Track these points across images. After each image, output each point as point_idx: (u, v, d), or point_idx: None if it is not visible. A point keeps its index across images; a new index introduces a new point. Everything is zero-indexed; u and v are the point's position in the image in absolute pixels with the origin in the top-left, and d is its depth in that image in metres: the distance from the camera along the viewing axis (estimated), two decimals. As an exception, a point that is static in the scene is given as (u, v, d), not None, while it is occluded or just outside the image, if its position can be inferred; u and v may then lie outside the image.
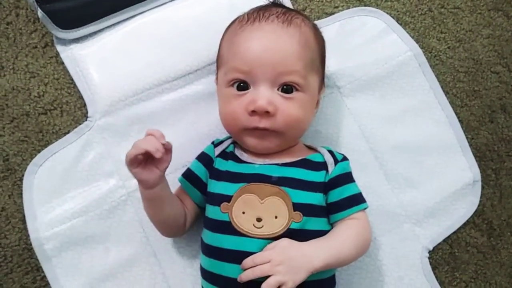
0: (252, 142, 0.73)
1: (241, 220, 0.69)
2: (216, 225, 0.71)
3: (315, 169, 0.74)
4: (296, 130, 0.75)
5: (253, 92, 0.71)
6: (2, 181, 0.85)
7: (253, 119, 0.71)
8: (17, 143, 0.86)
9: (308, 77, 0.74)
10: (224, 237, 0.69)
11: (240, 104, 0.72)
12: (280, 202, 0.70)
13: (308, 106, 0.75)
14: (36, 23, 0.89)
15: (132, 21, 0.90)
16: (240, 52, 0.73)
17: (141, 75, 0.87)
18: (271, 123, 0.71)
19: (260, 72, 0.71)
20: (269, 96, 0.70)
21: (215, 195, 0.73)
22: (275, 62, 0.71)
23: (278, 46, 0.72)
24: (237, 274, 0.66)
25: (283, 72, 0.71)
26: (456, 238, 0.90)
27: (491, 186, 0.93)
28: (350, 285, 0.84)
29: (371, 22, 0.94)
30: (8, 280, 0.83)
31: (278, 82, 0.71)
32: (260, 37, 0.73)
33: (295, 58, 0.72)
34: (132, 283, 0.83)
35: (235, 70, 0.73)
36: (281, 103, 0.71)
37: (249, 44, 0.72)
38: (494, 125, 0.95)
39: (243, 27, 0.75)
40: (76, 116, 0.88)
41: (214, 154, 0.79)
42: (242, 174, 0.73)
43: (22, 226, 0.84)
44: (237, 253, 0.67)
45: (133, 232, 0.84)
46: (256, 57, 0.71)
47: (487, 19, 0.97)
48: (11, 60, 0.88)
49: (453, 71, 0.95)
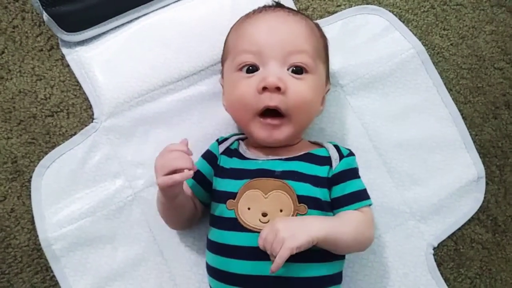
0: (261, 132, 0.72)
1: (247, 216, 0.69)
2: (222, 222, 0.72)
3: (318, 163, 0.74)
4: (305, 115, 0.74)
5: (263, 71, 0.71)
6: (11, 183, 0.86)
7: (264, 97, 0.70)
8: (24, 145, 0.87)
9: (317, 60, 0.74)
10: (230, 234, 0.70)
11: (249, 85, 0.71)
12: (284, 195, 0.70)
13: (317, 90, 0.75)
14: (42, 26, 0.90)
15: (136, 23, 0.91)
16: (248, 34, 0.74)
17: (146, 76, 0.88)
18: (282, 101, 0.70)
19: (269, 51, 0.71)
20: (279, 73, 0.70)
21: (220, 193, 0.73)
22: (284, 41, 0.71)
23: (286, 27, 0.73)
24: (245, 270, 0.67)
25: (293, 51, 0.71)
26: (461, 235, 0.91)
27: (495, 182, 0.93)
28: (356, 282, 0.85)
29: (374, 20, 0.94)
30: (18, 280, 0.84)
31: (288, 62, 0.71)
32: (267, 20, 0.74)
33: (304, 38, 0.73)
34: (139, 282, 0.83)
35: (244, 52, 0.73)
36: (291, 82, 0.71)
37: (257, 26, 0.74)
38: (498, 122, 0.95)
39: (250, 17, 0.77)
40: (82, 118, 0.89)
41: (218, 151, 0.79)
42: (245, 170, 0.73)
43: (31, 227, 0.85)
44: (244, 249, 0.68)
45: (140, 231, 0.85)
46: (264, 37, 0.72)
47: (490, 15, 0.97)
48: (17, 63, 0.89)
49: (456, 68, 0.95)
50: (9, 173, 0.86)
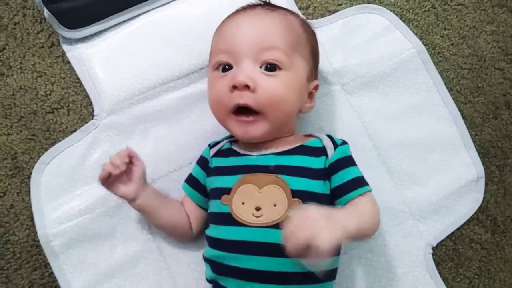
0: (237, 129, 0.72)
1: (241, 210, 0.70)
2: (217, 217, 0.72)
3: (313, 154, 0.73)
4: (279, 111, 0.72)
5: (234, 70, 0.72)
6: (10, 179, 0.86)
7: (235, 95, 0.70)
8: (24, 141, 0.87)
9: (293, 57, 0.73)
10: (225, 228, 0.70)
11: (223, 84, 0.72)
12: (278, 190, 0.70)
13: (292, 87, 0.73)
14: (43, 23, 0.90)
15: (137, 20, 0.91)
16: (223, 34, 0.75)
17: (146, 73, 0.88)
18: (252, 99, 0.70)
19: (240, 50, 0.71)
20: (249, 71, 0.70)
21: (216, 189, 0.74)
22: (256, 38, 0.71)
23: (259, 24, 0.73)
24: (239, 263, 0.68)
25: (264, 48, 0.71)
26: (460, 235, 0.91)
27: (495, 182, 0.93)
28: (354, 281, 0.85)
29: (375, 20, 0.94)
30: (17, 276, 0.84)
31: (260, 59, 0.71)
32: (242, 19, 0.75)
33: (276, 35, 0.72)
34: (138, 279, 0.83)
35: (218, 51, 0.74)
36: (262, 79, 0.70)
37: (232, 26, 0.75)
38: (498, 122, 0.95)
39: (230, 17, 0.78)
40: (82, 115, 0.89)
41: (209, 155, 0.80)
42: (240, 166, 0.74)
43: (30, 223, 0.85)
44: (237, 243, 0.68)
45: (139, 229, 0.85)
46: (236, 35, 0.73)
47: (491, 15, 0.97)
48: (18, 60, 0.89)
49: (456, 68, 0.95)
50: (9, 169, 0.86)
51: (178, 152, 0.86)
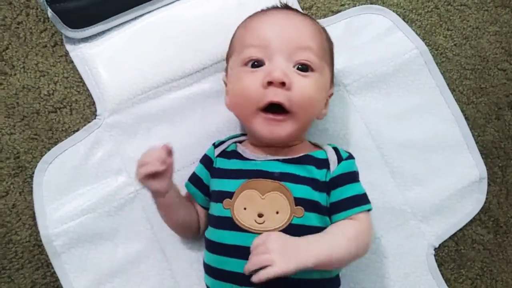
0: (263, 128, 0.71)
1: (243, 215, 0.69)
2: (218, 221, 0.72)
3: (317, 166, 0.73)
4: (308, 113, 0.73)
5: (269, 66, 0.71)
6: (13, 178, 0.86)
7: (268, 92, 0.69)
8: (27, 140, 0.87)
9: (322, 60, 0.74)
10: (226, 233, 0.70)
11: (254, 79, 0.70)
12: (281, 197, 0.69)
13: (322, 89, 0.74)
14: (46, 23, 0.90)
15: (140, 20, 0.91)
16: (255, 29, 0.74)
17: (149, 73, 0.88)
18: (286, 97, 0.69)
19: (275, 46, 0.70)
20: (285, 69, 0.70)
21: (218, 192, 0.74)
22: (291, 37, 0.71)
23: (293, 23, 0.73)
24: (239, 269, 0.66)
25: (299, 47, 0.71)
26: (462, 235, 0.91)
27: (497, 183, 0.93)
28: (356, 282, 0.85)
29: (377, 20, 0.94)
30: (19, 276, 0.84)
31: (294, 59, 0.71)
32: (275, 17, 0.75)
33: (310, 36, 0.73)
34: (140, 279, 0.84)
35: (250, 46, 0.72)
36: (296, 78, 0.70)
37: (265, 22, 0.74)
38: (500, 123, 0.95)
39: (258, 15, 0.77)
40: (85, 114, 0.89)
41: (214, 155, 0.79)
42: (244, 171, 0.73)
43: (33, 223, 0.85)
44: (238, 248, 0.68)
45: (141, 228, 0.85)
46: (271, 31, 0.72)
47: (494, 16, 0.97)
48: (21, 59, 0.89)
49: (459, 69, 0.95)
50: (12, 168, 0.86)
51: (181, 152, 0.85)
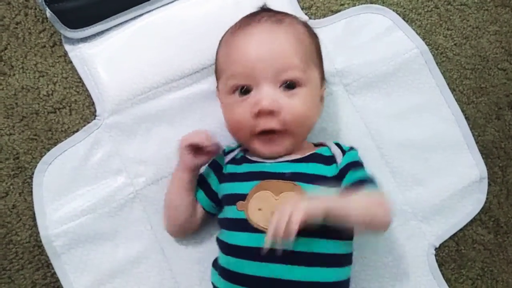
0: (261, 148, 0.73)
1: (257, 216, 0.69)
2: (233, 223, 0.72)
3: (325, 163, 0.74)
4: (303, 127, 0.75)
5: (256, 93, 0.71)
6: (12, 179, 0.86)
7: (259, 121, 0.71)
8: (26, 141, 0.87)
9: (308, 71, 0.73)
10: (241, 235, 0.70)
11: (244, 109, 0.72)
12: (295, 196, 0.69)
13: (312, 101, 0.75)
14: (45, 23, 0.90)
15: (139, 20, 0.90)
16: (237, 57, 0.73)
17: (149, 73, 0.88)
18: (278, 122, 0.71)
19: (259, 72, 0.71)
20: (272, 95, 0.70)
21: (230, 195, 0.74)
22: (273, 59, 0.71)
23: (273, 44, 0.72)
24: (254, 271, 0.67)
25: (283, 68, 0.71)
26: (462, 236, 0.90)
27: (498, 183, 0.93)
28: (357, 281, 0.84)
29: (377, 20, 0.94)
30: (20, 277, 0.84)
31: (280, 79, 0.71)
32: (254, 38, 0.73)
33: (292, 53, 0.72)
34: (140, 280, 0.84)
35: (235, 75, 0.73)
36: (285, 100, 0.71)
37: (245, 47, 0.73)
38: (501, 122, 0.94)
39: (236, 33, 0.76)
40: (84, 115, 0.89)
41: (224, 161, 0.79)
42: (255, 173, 0.73)
43: (33, 223, 0.85)
44: (253, 250, 0.67)
45: (141, 229, 0.85)
46: (253, 58, 0.71)
47: (494, 15, 0.96)
48: (20, 60, 0.89)
49: (459, 68, 0.95)
50: (11, 169, 0.86)
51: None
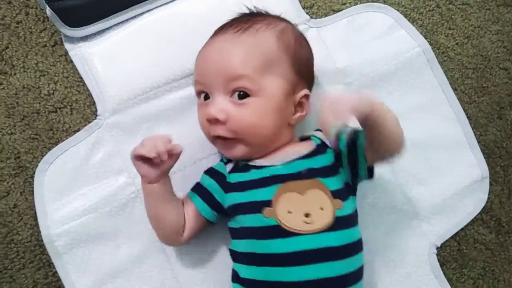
0: (222, 150, 0.77)
1: (290, 220, 0.68)
2: (261, 231, 0.69)
3: (323, 152, 0.75)
4: (254, 136, 0.73)
5: (210, 102, 0.74)
6: (14, 179, 0.86)
7: (211, 127, 0.74)
8: (28, 140, 0.87)
9: (262, 81, 0.72)
10: (274, 242, 0.68)
11: (203, 114, 0.76)
12: (320, 192, 0.69)
13: (264, 111, 0.72)
14: (46, 22, 0.90)
15: (140, 19, 0.90)
16: (197, 64, 0.78)
17: (150, 73, 0.88)
18: (225, 130, 0.72)
19: (210, 82, 0.74)
20: (220, 105, 0.72)
21: (250, 204, 0.71)
22: (221, 70, 0.72)
23: (222, 54, 0.73)
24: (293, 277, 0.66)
25: (230, 78, 0.72)
26: (464, 235, 0.91)
27: (499, 183, 0.93)
28: (358, 281, 0.85)
29: (379, 18, 0.94)
30: (21, 276, 0.84)
31: (229, 89, 0.72)
32: (210, 48, 0.77)
33: (241, 63, 0.72)
34: (142, 279, 0.84)
35: (195, 82, 0.78)
36: (233, 109, 0.72)
37: (202, 56, 0.77)
38: (502, 122, 0.94)
39: (206, 42, 0.79)
40: (85, 114, 0.89)
41: (225, 171, 0.78)
42: (271, 177, 0.72)
43: (34, 223, 0.85)
44: (292, 255, 0.66)
45: (143, 228, 0.85)
46: (205, 68, 0.75)
47: (496, 15, 0.96)
48: (21, 59, 0.89)
49: (461, 68, 0.94)
50: (12, 168, 0.86)
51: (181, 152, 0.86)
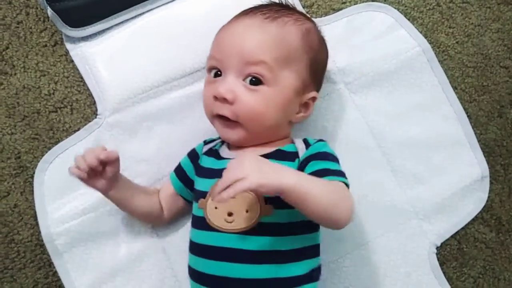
0: (220, 130, 0.75)
1: (214, 215, 0.70)
2: (195, 221, 0.74)
3: (288, 159, 0.73)
4: (256, 124, 0.72)
5: (221, 79, 0.73)
6: (14, 178, 0.86)
7: (216, 105, 0.72)
8: (28, 140, 0.87)
9: (279, 72, 0.71)
10: (200, 233, 0.72)
11: (209, 90, 0.74)
12: (251, 196, 0.69)
13: (273, 102, 0.72)
14: (46, 22, 0.90)
15: (140, 18, 0.90)
16: (216, 40, 0.76)
17: (150, 72, 0.88)
18: (230, 111, 0.71)
19: (227, 61, 0.72)
20: (231, 84, 0.71)
21: (196, 192, 0.76)
22: (242, 51, 0.71)
23: (247, 37, 0.72)
24: (211, 270, 0.68)
25: (249, 62, 0.71)
26: (464, 234, 0.90)
27: (499, 181, 0.92)
28: (357, 280, 0.85)
29: (379, 18, 0.93)
30: (21, 275, 0.84)
31: (244, 72, 0.71)
32: (235, 27, 0.75)
33: (264, 50, 0.71)
34: (142, 278, 0.84)
35: (210, 57, 0.76)
36: (242, 93, 0.71)
37: (224, 33, 0.76)
38: (503, 120, 0.94)
39: (230, 22, 0.77)
40: (86, 114, 0.89)
41: (201, 151, 0.81)
42: (216, 170, 0.73)
43: (34, 222, 0.85)
44: (211, 248, 0.69)
45: (143, 228, 0.85)
46: (226, 46, 0.73)
47: (496, 13, 0.96)
48: (21, 59, 0.89)
49: (461, 66, 0.94)
50: (13, 168, 0.87)
51: (181, 151, 0.85)
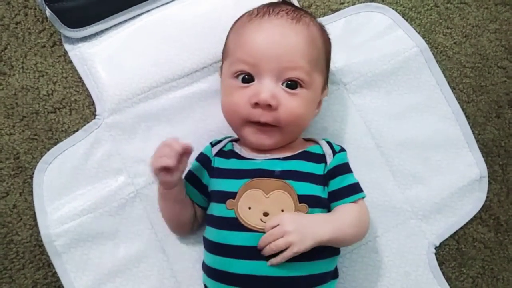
0: (252, 136, 0.73)
1: (248, 215, 0.69)
2: (222, 222, 0.71)
3: (315, 161, 0.75)
4: (296, 127, 0.75)
5: (257, 85, 0.71)
6: (13, 179, 0.86)
7: (255, 112, 0.71)
8: (27, 141, 0.87)
9: (313, 75, 0.74)
10: (231, 234, 0.70)
11: (243, 96, 0.72)
12: (285, 195, 0.70)
13: (311, 104, 0.75)
14: (45, 23, 0.90)
15: (139, 19, 0.91)
16: (246, 43, 0.73)
17: (149, 73, 0.88)
18: (273, 117, 0.71)
19: (265, 65, 0.71)
20: (272, 90, 0.71)
21: (219, 193, 0.73)
22: (281, 56, 0.71)
23: (285, 40, 0.72)
24: (245, 270, 0.67)
25: (288, 67, 0.71)
26: (463, 234, 0.90)
27: (498, 181, 0.93)
28: (356, 281, 0.85)
29: (377, 18, 0.94)
30: (20, 276, 0.84)
31: (283, 77, 0.71)
32: (267, 29, 0.73)
33: (301, 54, 0.72)
34: (141, 279, 0.84)
35: (240, 61, 0.73)
36: (284, 98, 0.71)
37: (256, 36, 0.73)
38: (501, 121, 0.94)
39: (252, 19, 0.75)
40: (84, 114, 0.89)
41: (212, 154, 0.79)
42: (244, 170, 0.73)
43: (33, 223, 0.85)
44: (245, 249, 0.68)
45: (142, 228, 0.85)
46: (262, 50, 0.71)
47: (494, 13, 0.96)
48: (20, 60, 0.89)
49: (459, 67, 0.95)
50: (12, 169, 0.86)
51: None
